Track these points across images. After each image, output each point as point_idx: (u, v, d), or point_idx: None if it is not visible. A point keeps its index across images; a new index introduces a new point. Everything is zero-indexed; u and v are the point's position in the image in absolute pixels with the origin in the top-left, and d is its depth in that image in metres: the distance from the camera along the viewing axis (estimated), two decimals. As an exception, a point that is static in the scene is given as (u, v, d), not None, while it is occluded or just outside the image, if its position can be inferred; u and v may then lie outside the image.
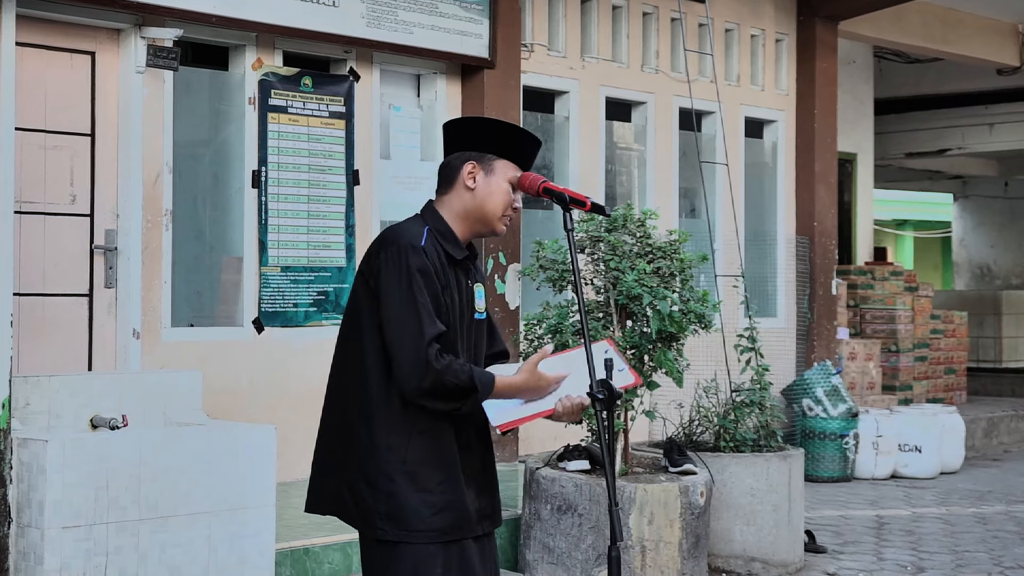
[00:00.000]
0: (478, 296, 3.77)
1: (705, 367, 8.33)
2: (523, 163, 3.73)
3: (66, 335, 7.37)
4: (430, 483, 3.59)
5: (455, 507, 3.61)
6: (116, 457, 5.41)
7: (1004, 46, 14.55)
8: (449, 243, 3.68)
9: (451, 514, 3.61)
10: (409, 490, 3.58)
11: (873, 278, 13.57)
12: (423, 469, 3.59)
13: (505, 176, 3.69)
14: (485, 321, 3.83)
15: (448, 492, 3.60)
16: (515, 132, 3.77)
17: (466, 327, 3.70)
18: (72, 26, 7.39)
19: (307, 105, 8.40)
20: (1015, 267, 23.16)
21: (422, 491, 3.59)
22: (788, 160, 11.92)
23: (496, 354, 3.89)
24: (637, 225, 7.01)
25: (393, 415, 3.61)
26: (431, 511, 3.58)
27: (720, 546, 7.33)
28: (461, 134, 3.75)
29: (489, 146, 3.71)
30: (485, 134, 3.74)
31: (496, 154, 3.70)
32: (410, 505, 3.58)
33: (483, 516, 3.72)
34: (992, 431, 13.60)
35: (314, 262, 8.40)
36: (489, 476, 3.77)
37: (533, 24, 9.73)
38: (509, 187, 3.70)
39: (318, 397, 9.33)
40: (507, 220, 3.73)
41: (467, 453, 3.67)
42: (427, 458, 3.60)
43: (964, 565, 7.74)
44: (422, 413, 3.59)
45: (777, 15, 11.77)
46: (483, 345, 3.81)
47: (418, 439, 3.60)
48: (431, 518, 3.58)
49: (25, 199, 7.11)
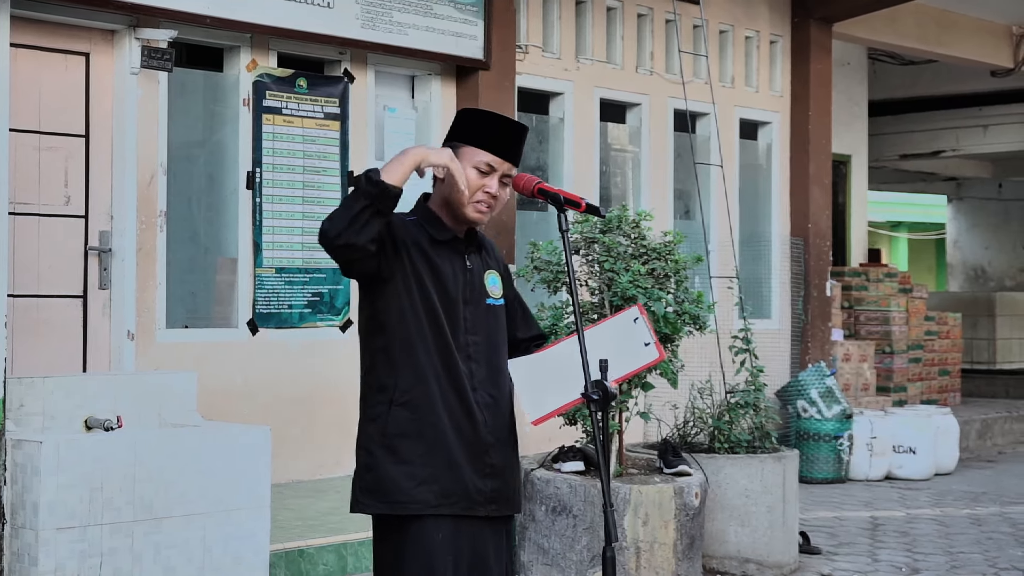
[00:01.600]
0: (490, 282, 3.77)
1: (700, 368, 8.33)
2: (492, 147, 3.68)
3: (60, 336, 7.36)
4: (411, 455, 3.57)
5: (441, 480, 3.57)
6: (111, 458, 5.41)
7: (998, 48, 14.57)
8: (432, 226, 3.69)
9: (437, 487, 3.57)
10: (388, 462, 3.57)
11: (867, 280, 13.58)
12: (403, 442, 3.57)
13: (470, 162, 3.67)
14: (505, 307, 3.81)
15: (430, 465, 3.57)
16: (479, 117, 3.75)
17: (472, 310, 3.69)
18: (66, 27, 7.38)
19: (302, 106, 8.40)
20: (1009, 269, 23.20)
21: (401, 463, 3.57)
22: (782, 161, 11.93)
23: (533, 337, 3.89)
24: (632, 226, 7.01)
25: (376, 385, 3.63)
26: (413, 483, 3.56)
27: (715, 547, 7.33)
28: (452, 127, 3.79)
29: (459, 135, 3.72)
30: (458, 124, 3.76)
31: (465, 142, 3.70)
32: (389, 477, 3.57)
33: (487, 499, 3.66)
34: (986, 432, 13.62)
35: (308, 263, 8.40)
36: (498, 462, 3.69)
37: (528, 25, 9.73)
38: (476, 173, 3.67)
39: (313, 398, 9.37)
40: (481, 206, 3.68)
41: (460, 434, 3.62)
42: (408, 431, 3.58)
43: (958, 566, 7.75)
44: (402, 384, 3.59)
45: (771, 17, 11.78)
46: (504, 329, 3.79)
47: (399, 411, 3.58)
48: (414, 490, 3.55)
49: (19, 200, 7.10)
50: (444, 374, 3.61)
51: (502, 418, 3.72)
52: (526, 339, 3.88)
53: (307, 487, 8.12)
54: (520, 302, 3.94)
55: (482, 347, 3.69)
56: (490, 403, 3.67)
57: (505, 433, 3.73)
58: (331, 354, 8.49)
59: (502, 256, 3.92)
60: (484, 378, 3.68)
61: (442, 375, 3.61)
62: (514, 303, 3.89)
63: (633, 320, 3.66)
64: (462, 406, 3.63)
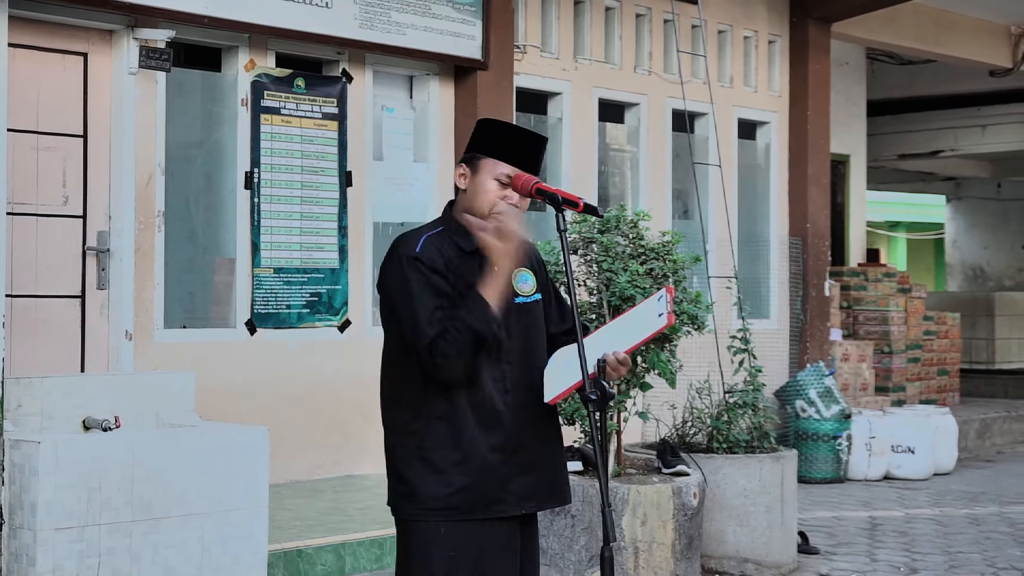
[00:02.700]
0: (520, 280, 3.78)
1: (698, 368, 8.33)
2: (514, 159, 3.71)
3: (58, 336, 7.36)
4: (445, 464, 3.62)
5: (474, 488, 3.62)
6: (109, 458, 5.41)
7: (997, 48, 14.57)
8: (459, 236, 3.71)
9: (470, 494, 3.61)
10: (424, 472, 3.63)
11: (866, 279, 13.58)
12: (438, 453, 3.63)
13: (491, 174, 3.70)
14: (541, 302, 3.83)
15: (465, 474, 3.62)
16: (497, 128, 3.78)
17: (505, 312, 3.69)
18: (64, 27, 7.38)
19: (300, 106, 8.40)
20: (1008, 268, 23.20)
21: (437, 472, 3.63)
22: (781, 161, 11.93)
23: (567, 331, 3.89)
24: (630, 226, 7.00)
25: (412, 402, 3.66)
26: (448, 490, 3.61)
27: (713, 547, 7.33)
28: (472, 137, 3.82)
29: (479, 146, 3.75)
30: (477, 134, 3.79)
31: (483, 153, 3.73)
32: (425, 485, 3.63)
33: (523, 497, 3.69)
34: (985, 432, 13.62)
35: (307, 263, 8.40)
36: (533, 459, 3.71)
37: (526, 25, 9.73)
38: (496, 184, 3.70)
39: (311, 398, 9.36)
40: (501, 217, 3.71)
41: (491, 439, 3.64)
42: (443, 442, 3.63)
43: (957, 566, 7.74)
44: (440, 399, 3.63)
45: (770, 16, 11.78)
46: (540, 325, 3.81)
47: (436, 424, 3.63)
48: (448, 497, 3.61)
49: (17, 200, 7.10)
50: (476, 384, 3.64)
51: (536, 415, 3.74)
52: (559, 333, 3.89)
53: (305, 487, 8.12)
54: (556, 295, 3.95)
55: (515, 348, 3.71)
56: (525, 402, 3.69)
57: (540, 428, 3.75)
58: (329, 354, 8.49)
59: (534, 251, 3.92)
60: (518, 378, 3.70)
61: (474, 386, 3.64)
62: (550, 296, 3.91)
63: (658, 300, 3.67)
64: (492, 414, 3.66)
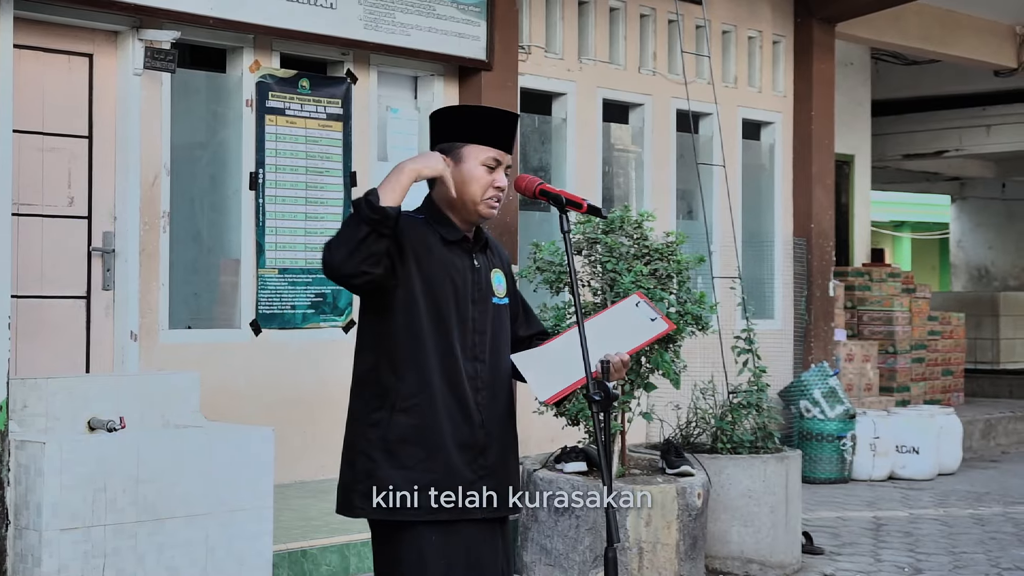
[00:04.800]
0: (496, 281, 3.77)
1: (702, 369, 8.33)
2: (495, 141, 3.67)
3: (64, 337, 7.37)
4: (411, 461, 3.56)
5: (439, 484, 3.55)
6: (114, 459, 5.42)
7: (1002, 48, 14.56)
8: (443, 226, 3.68)
9: (435, 492, 3.55)
10: (389, 468, 3.55)
11: (870, 280, 13.58)
12: (404, 447, 3.56)
13: (477, 160, 3.66)
14: (510, 305, 3.81)
15: (430, 471, 3.55)
16: (471, 114, 3.73)
17: (480, 309, 3.68)
18: (70, 28, 7.39)
19: (304, 107, 8.40)
20: (1013, 268, 23.17)
21: (402, 468, 3.55)
22: (785, 162, 11.92)
23: (536, 334, 3.89)
24: (634, 227, 7.01)
25: (376, 390, 3.60)
26: (413, 488, 3.54)
27: (717, 547, 7.33)
28: (435, 128, 3.75)
29: (456, 134, 3.68)
30: (451, 123, 3.71)
31: (464, 140, 3.67)
32: (389, 483, 3.54)
33: (484, 500, 3.63)
34: (990, 432, 13.61)
35: (311, 264, 8.41)
36: (494, 462, 3.67)
37: (530, 26, 9.73)
38: (485, 169, 3.67)
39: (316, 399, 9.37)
40: (493, 201, 3.68)
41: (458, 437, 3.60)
42: (409, 437, 3.56)
43: (962, 566, 7.75)
44: (404, 390, 3.57)
45: (774, 17, 11.78)
46: (508, 328, 3.78)
47: (401, 417, 3.57)
48: (413, 496, 3.54)
49: (23, 201, 7.11)
50: (447, 378, 3.60)
51: (500, 418, 3.71)
52: (528, 336, 3.88)
53: (310, 488, 8.12)
54: (522, 300, 3.94)
55: (488, 347, 3.69)
56: (490, 404, 3.67)
57: (502, 433, 3.72)
58: (334, 355, 8.49)
59: (506, 254, 3.92)
60: (488, 378, 3.68)
61: (445, 379, 3.60)
62: (516, 301, 3.89)
63: (635, 305, 3.67)
64: (462, 410, 3.62)
